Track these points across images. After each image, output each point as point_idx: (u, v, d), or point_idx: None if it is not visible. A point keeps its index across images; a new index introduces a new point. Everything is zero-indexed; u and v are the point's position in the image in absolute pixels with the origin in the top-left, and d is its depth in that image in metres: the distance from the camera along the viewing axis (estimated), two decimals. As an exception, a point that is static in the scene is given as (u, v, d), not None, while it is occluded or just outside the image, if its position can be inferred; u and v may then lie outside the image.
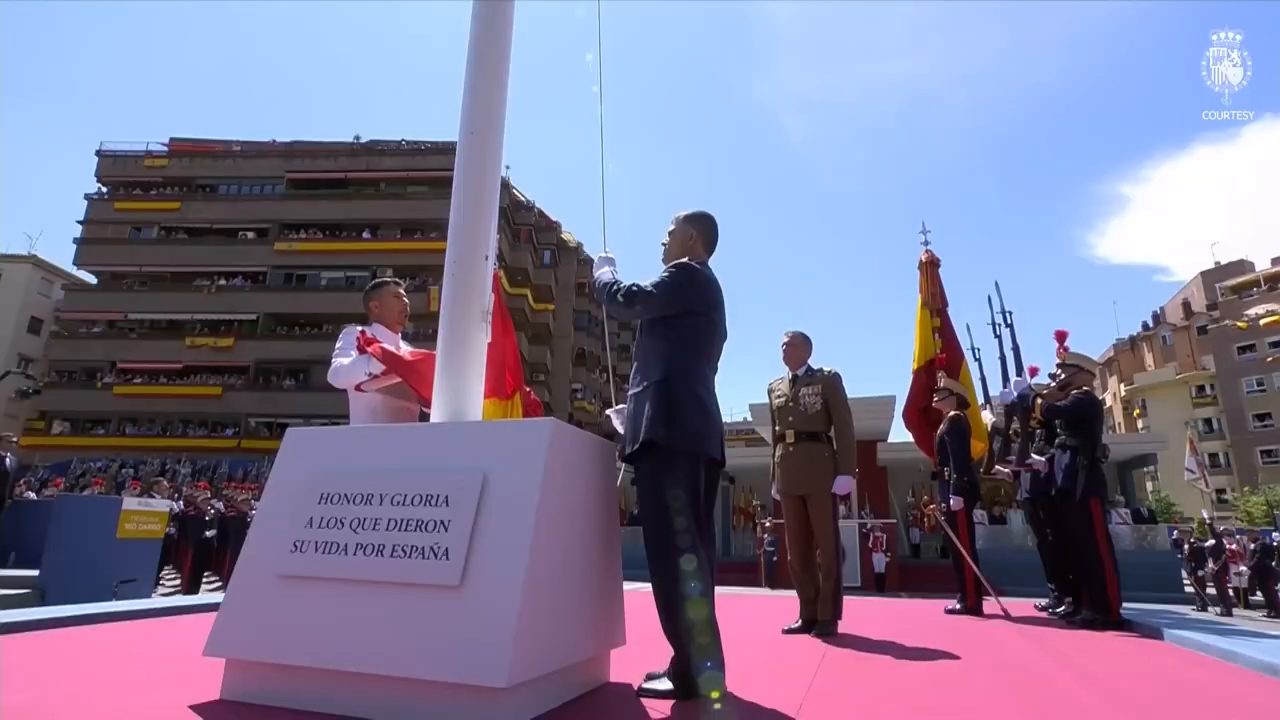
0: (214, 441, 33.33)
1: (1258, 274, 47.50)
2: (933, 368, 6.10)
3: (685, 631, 1.98)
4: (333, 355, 2.83)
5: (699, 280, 2.31)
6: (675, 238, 2.53)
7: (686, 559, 1.99)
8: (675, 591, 1.99)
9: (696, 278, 2.31)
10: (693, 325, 2.25)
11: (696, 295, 2.29)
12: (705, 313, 2.30)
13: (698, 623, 1.97)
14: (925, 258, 6.49)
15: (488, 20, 2.42)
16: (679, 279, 2.26)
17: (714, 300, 2.36)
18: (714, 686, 1.95)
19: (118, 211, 37.52)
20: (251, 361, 34.91)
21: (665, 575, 2.01)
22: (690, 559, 1.99)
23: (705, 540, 2.12)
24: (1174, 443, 21.56)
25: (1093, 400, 4.63)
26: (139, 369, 34.96)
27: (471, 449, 1.89)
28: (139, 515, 7.62)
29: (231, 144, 39.22)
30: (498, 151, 2.32)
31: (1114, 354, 56.23)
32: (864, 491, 17.32)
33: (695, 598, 1.97)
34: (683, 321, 2.24)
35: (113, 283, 37.05)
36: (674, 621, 2.00)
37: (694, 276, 2.30)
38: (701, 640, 1.97)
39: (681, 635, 1.99)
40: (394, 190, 37.34)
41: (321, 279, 36.54)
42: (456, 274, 2.17)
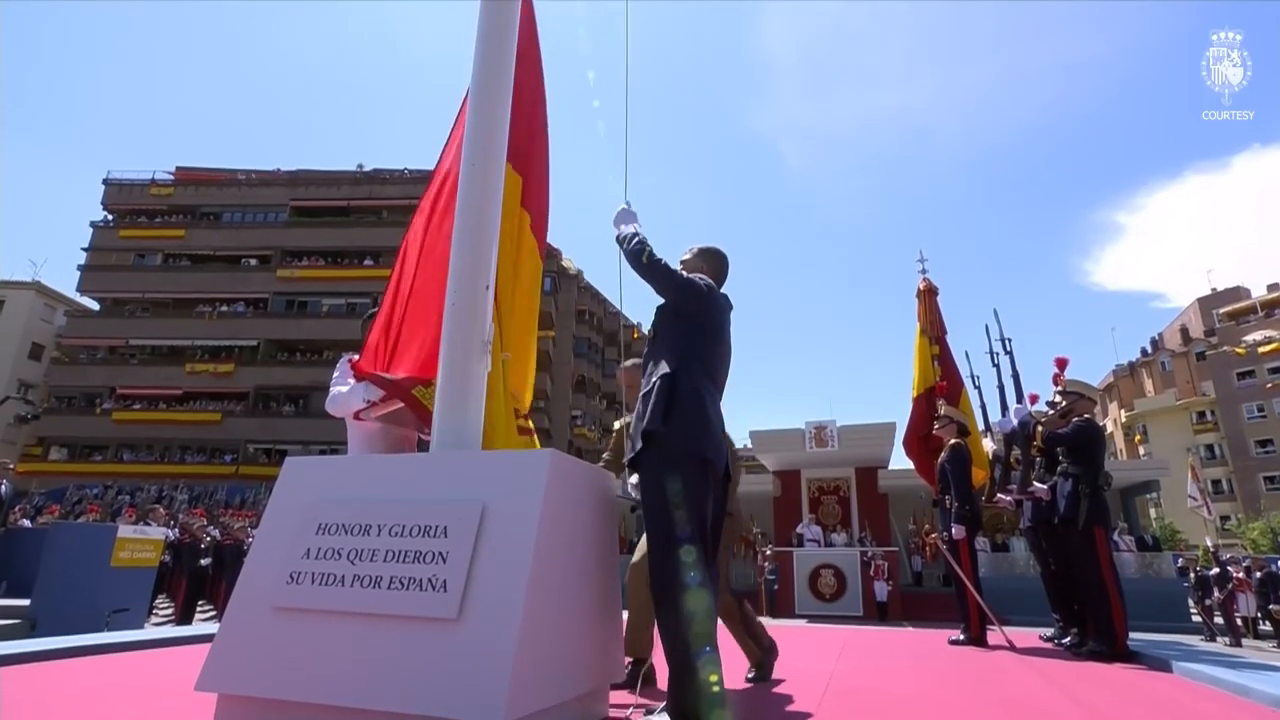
0: (212, 468, 33.16)
1: (1254, 300, 47.70)
2: (933, 395, 6.11)
3: (683, 624, 1.91)
4: (330, 383, 2.84)
5: (714, 294, 2.41)
6: (687, 268, 2.59)
7: (686, 550, 1.96)
8: (675, 582, 1.94)
9: (713, 291, 2.41)
10: (701, 335, 2.31)
11: (710, 305, 2.36)
12: (714, 327, 2.35)
13: (698, 613, 1.91)
14: (923, 286, 6.54)
15: (491, 55, 2.47)
16: (698, 284, 2.35)
17: (723, 320, 2.43)
18: (712, 670, 1.88)
19: (122, 239, 37.82)
20: (251, 387, 34.92)
21: (664, 569, 1.97)
22: (690, 550, 1.96)
23: (711, 551, 2.11)
24: (1176, 469, 21.41)
25: (1094, 428, 4.62)
26: (139, 395, 34.94)
27: (470, 479, 1.89)
28: (133, 543, 7.55)
29: (237, 173, 39.66)
30: (498, 183, 2.35)
31: (1114, 380, 56.20)
32: (865, 519, 17.19)
33: (695, 588, 1.92)
34: (692, 329, 2.30)
35: (115, 309, 37.21)
36: (671, 615, 1.94)
37: (711, 289, 2.40)
38: (700, 629, 1.91)
39: (679, 631, 1.91)
40: (396, 218, 37.66)
41: (322, 305, 36.69)
42: (457, 304, 2.19)
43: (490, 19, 2.50)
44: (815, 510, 17.63)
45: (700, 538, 2.02)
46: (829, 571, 14.75)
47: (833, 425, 16.22)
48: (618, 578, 2.33)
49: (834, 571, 14.72)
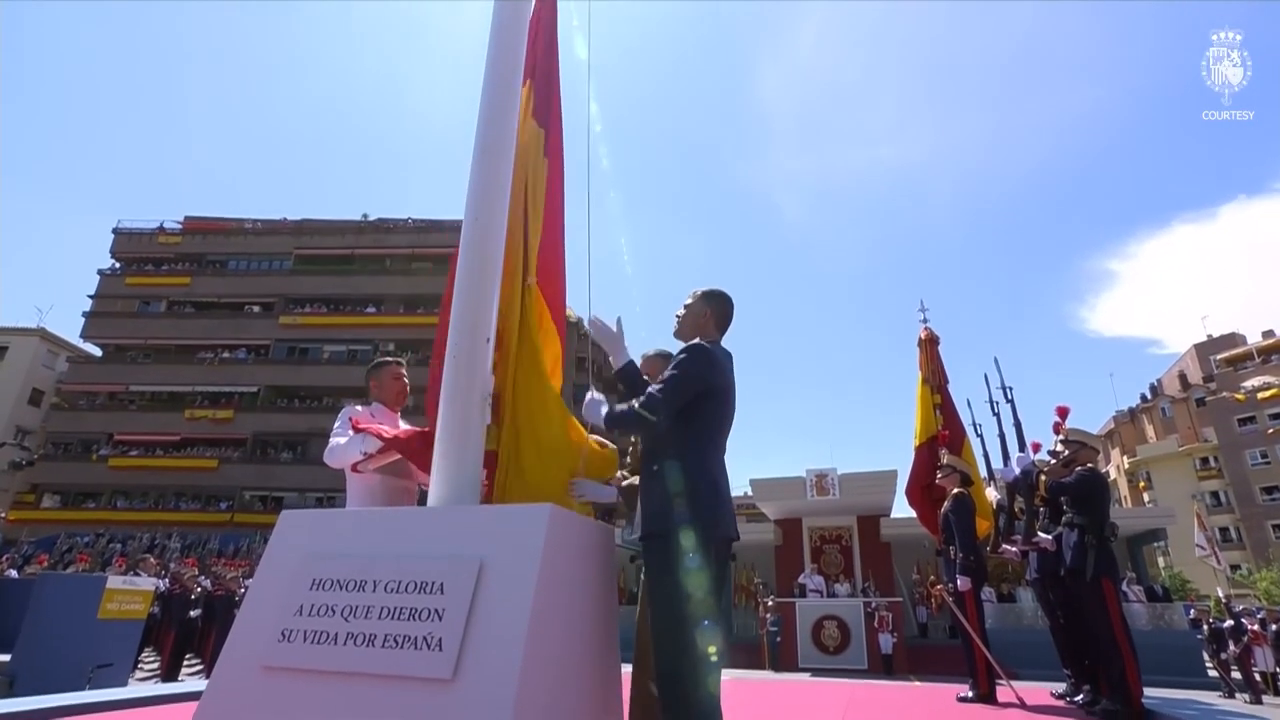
0: (206, 516, 32.72)
1: (1250, 347, 47.91)
2: (935, 444, 6.08)
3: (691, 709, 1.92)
4: (330, 435, 2.83)
5: (710, 362, 2.32)
6: (690, 312, 2.57)
7: (703, 640, 1.94)
8: (690, 675, 1.93)
9: (706, 360, 2.31)
10: (704, 407, 2.27)
11: (709, 378, 2.30)
12: (716, 394, 2.32)
13: (711, 699, 1.94)
14: (924, 335, 6.57)
15: (495, 112, 2.54)
16: (691, 368, 2.26)
17: (725, 382, 2.37)
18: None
19: (129, 286, 38.17)
20: (250, 434, 34.74)
21: (678, 659, 1.95)
22: (707, 639, 1.95)
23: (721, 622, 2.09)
24: (1182, 516, 21.13)
25: (1098, 477, 4.58)
26: (136, 441, 34.73)
27: (468, 535, 1.87)
28: (122, 594, 7.38)
29: (244, 222, 40.31)
30: (500, 238, 2.38)
31: (1114, 426, 55.98)
32: (868, 568, 16.90)
33: (709, 679, 1.93)
34: (694, 404, 2.25)
35: (117, 355, 37.31)
36: (678, 703, 1.93)
37: (703, 359, 2.31)
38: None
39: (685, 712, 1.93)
40: (399, 266, 38.13)
41: (324, 352, 36.80)
42: (458, 356, 2.20)
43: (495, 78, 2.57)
44: (817, 559, 17.34)
45: (715, 625, 2.01)
46: (832, 623, 14.42)
47: (834, 473, 16.10)
48: (617, 635, 2.28)
49: (837, 623, 14.39)
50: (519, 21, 2.69)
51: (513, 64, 2.63)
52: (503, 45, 2.59)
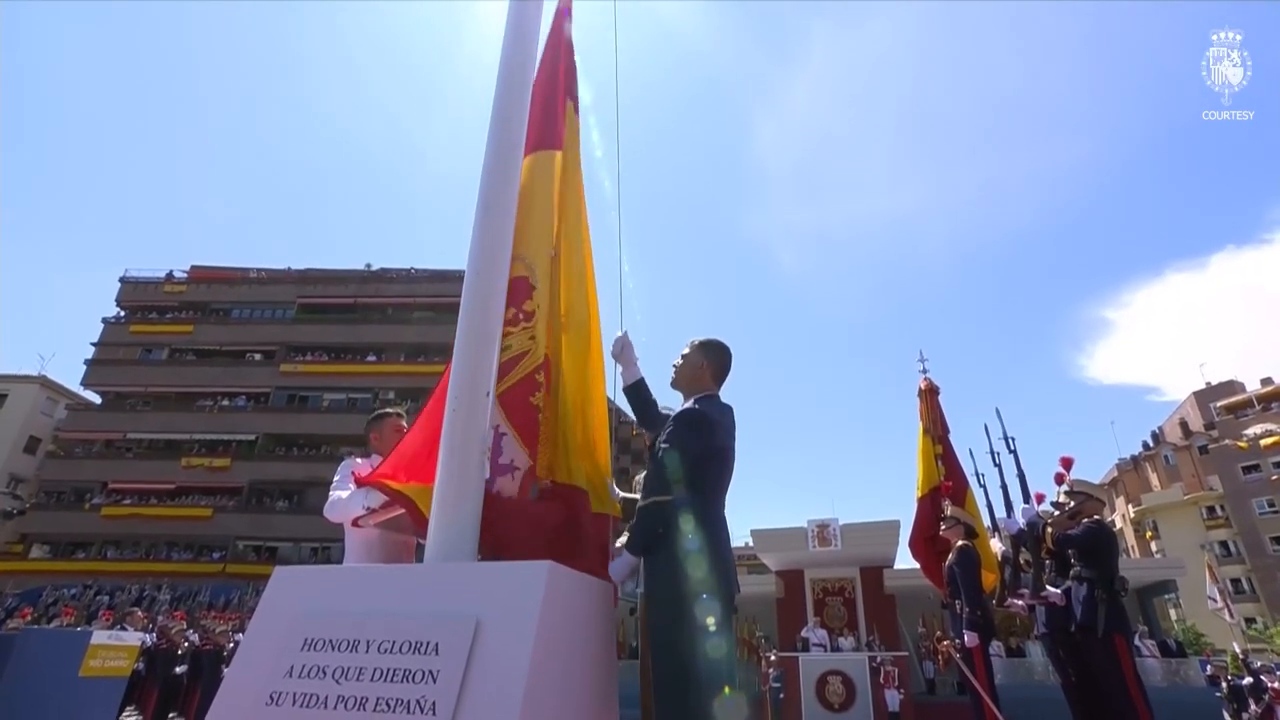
0: (198, 566, 32.11)
1: (1249, 394, 47.88)
2: (938, 495, 6.02)
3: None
4: (330, 487, 2.81)
5: (705, 427, 2.29)
6: (687, 363, 2.56)
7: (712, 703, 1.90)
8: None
9: (701, 427, 2.29)
10: (704, 468, 2.25)
11: (709, 443, 2.28)
12: (717, 455, 2.31)
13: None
14: (924, 385, 6.58)
15: (498, 167, 2.59)
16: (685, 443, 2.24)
17: (723, 441, 2.34)
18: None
19: (132, 334, 38.42)
20: (246, 482, 34.40)
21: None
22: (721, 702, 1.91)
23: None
24: (1192, 567, 20.74)
25: (1106, 530, 4.53)
26: (130, 489, 34.36)
27: (464, 592, 1.83)
28: (106, 650, 7.19)
29: (249, 271, 40.79)
30: (501, 291, 2.41)
31: (1118, 474, 55.50)
32: (872, 621, 16.48)
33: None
34: (694, 466, 2.23)
35: (116, 402, 37.26)
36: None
37: (697, 427, 2.29)
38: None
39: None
40: (400, 315, 38.43)
41: (323, 400, 36.78)
42: (457, 410, 2.20)
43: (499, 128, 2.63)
44: (820, 612, 16.94)
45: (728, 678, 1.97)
46: (837, 679, 13.99)
47: (835, 523, 15.88)
48: (616, 696, 2.22)
49: (842, 679, 13.96)
50: (525, 76, 2.76)
51: (518, 118, 2.69)
52: (507, 102, 2.66)
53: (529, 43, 2.78)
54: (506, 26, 2.78)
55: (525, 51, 2.77)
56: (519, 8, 2.79)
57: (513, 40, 2.74)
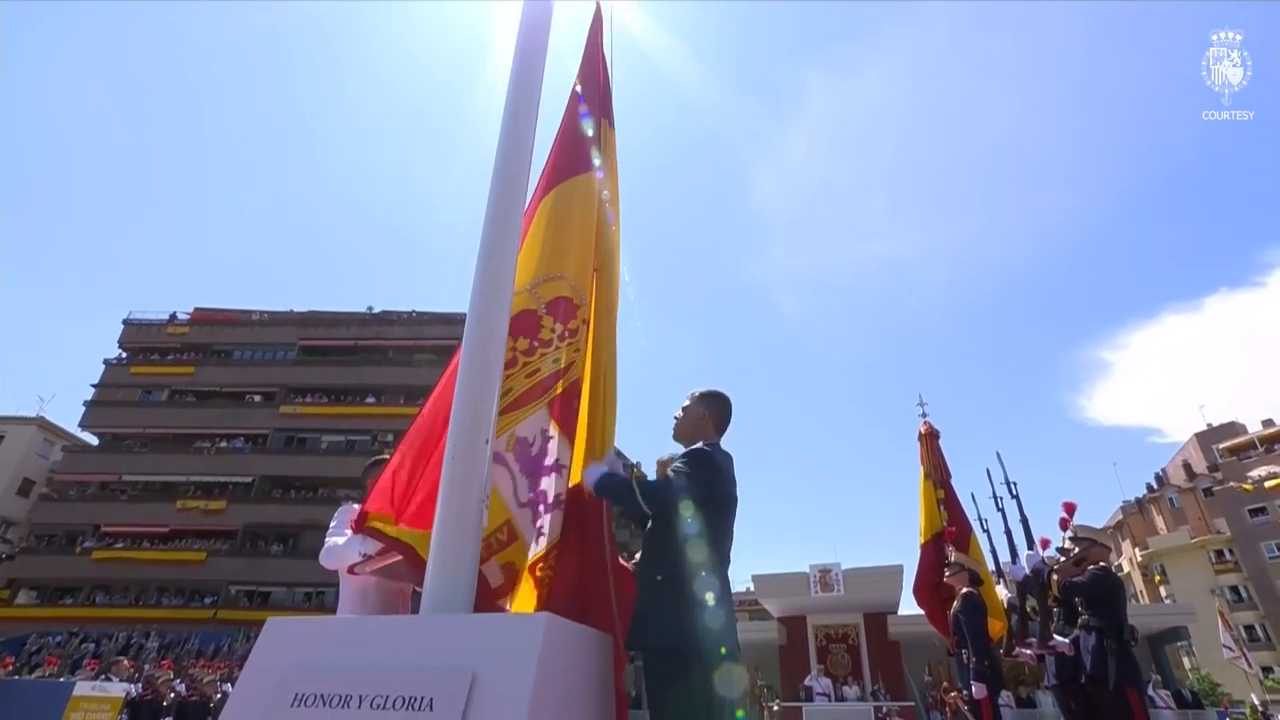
0: (188, 612, 31.44)
1: (1252, 436, 47.66)
2: (941, 541, 5.95)
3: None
4: (327, 533, 2.78)
5: (716, 468, 2.31)
6: (688, 414, 2.57)
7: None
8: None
9: (712, 467, 2.31)
10: (707, 513, 2.23)
11: (716, 485, 2.28)
12: (722, 502, 2.29)
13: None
14: (924, 430, 6.56)
15: (500, 216, 2.63)
16: (698, 472, 2.27)
17: (727, 488, 2.35)
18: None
19: (133, 375, 38.41)
20: (241, 525, 33.93)
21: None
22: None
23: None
24: (1204, 613, 20.35)
25: (1112, 577, 4.46)
26: (123, 532, 33.85)
27: (460, 646, 1.80)
28: (89, 702, 7.00)
29: (252, 313, 41.05)
30: (502, 338, 2.42)
31: (1123, 517, 54.86)
32: (877, 669, 16.08)
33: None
34: (698, 510, 2.22)
35: (113, 444, 37.02)
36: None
37: (709, 465, 2.30)
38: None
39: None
40: (400, 357, 38.53)
41: (322, 442, 36.59)
42: (456, 457, 2.19)
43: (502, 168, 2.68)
44: (824, 660, 16.55)
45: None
46: (844, 732, 13.59)
47: (838, 568, 15.65)
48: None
49: (849, 732, 13.56)
50: (527, 122, 2.83)
51: (520, 168, 2.74)
52: (510, 152, 2.72)
53: (531, 95, 2.86)
54: (510, 82, 2.86)
55: (528, 102, 2.84)
56: (522, 64, 2.88)
57: (516, 93, 2.82)
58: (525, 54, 2.90)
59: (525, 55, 2.90)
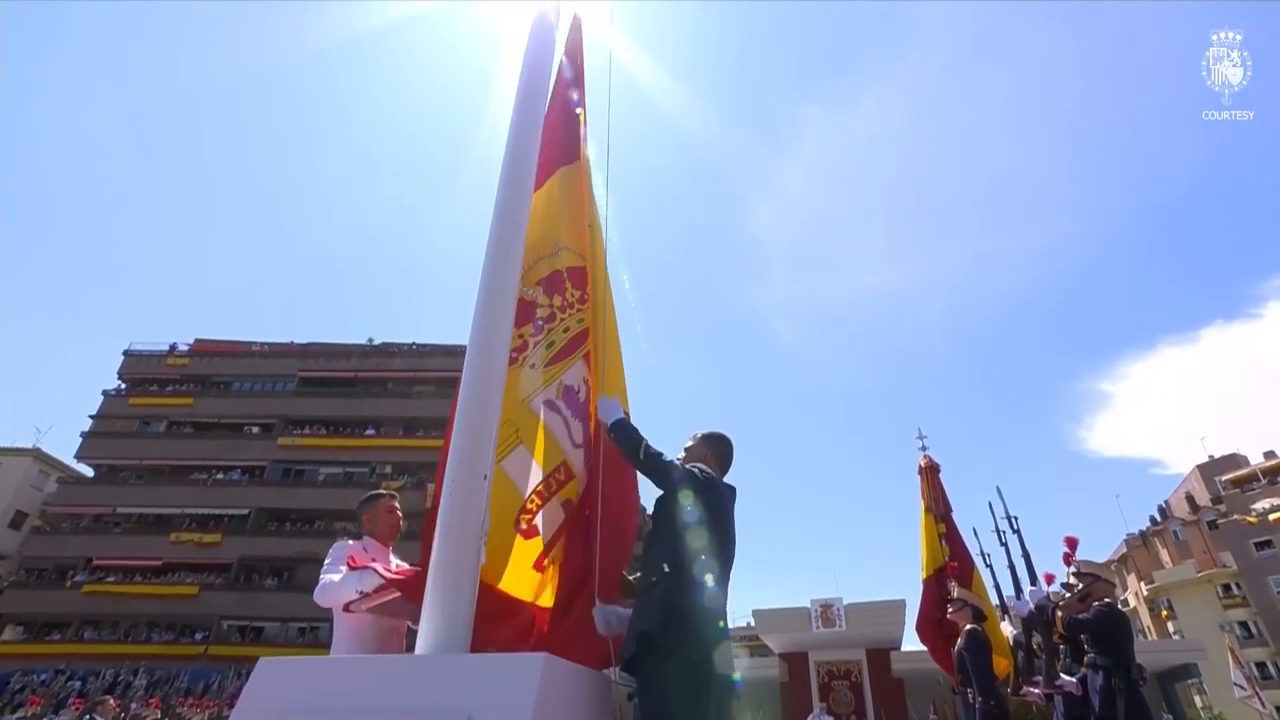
0: (178, 648, 30.83)
1: (1254, 468, 47.39)
2: (943, 576, 5.87)
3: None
4: (321, 570, 2.75)
5: (715, 485, 2.40)
6: (690, 455, 2.63)
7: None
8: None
9: (714, 482, 2.40)
10: (704, 527, 2.25)
11: (711, 497, 2.32)
12: (716, 518, 2.31)
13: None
14: (924, 463, 6.52)
15: (499, 254, 2.66)
16: (697, 476, 2.35)
17: (726, 510, 2.41)
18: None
19: (131, 407, 38.21)
20: (235, 558, 33.48)
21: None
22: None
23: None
24: (1213, 649, 19.96)
25: (1118, 614, 4.40)
26: (115, 566, 33.36)
27: (456, 687, 1.77)
28: (77, 743, 6.82)
29: (252, 344, 41.09)
30: (501, 375, 2.43)
31: (1127, 550, 54.25)
32: (880, 707, 15.75)
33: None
34: (693, 521, 2.24)
35: (109, 476, 36.69)
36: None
37: (711, 480, 2.39)
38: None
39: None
40: (400, 389, 38.51)
41: (319, 474, 36.33)
42: (454, 492, 2.18)
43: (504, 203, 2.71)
44: (826, 697, 16.21)
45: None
46: (848, 774, 13.23)
47: (839, 603, 15.43)
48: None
49: (854, 774, 13.21)
50: (529, 158, 2.87)
51: (520, 200, 2.78)
52: (512, 183, 2.76)
53: (533, 131, 2.92)
54: (512, 116, 2.92)
55: (529, 139, 2.89)
56: (524, 101, 2.94)
57: (518, 130, 2.87)
58: (527, 91, 2.97)
59: (527, 92, 2.96)
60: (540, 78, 3.05)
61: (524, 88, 2.97)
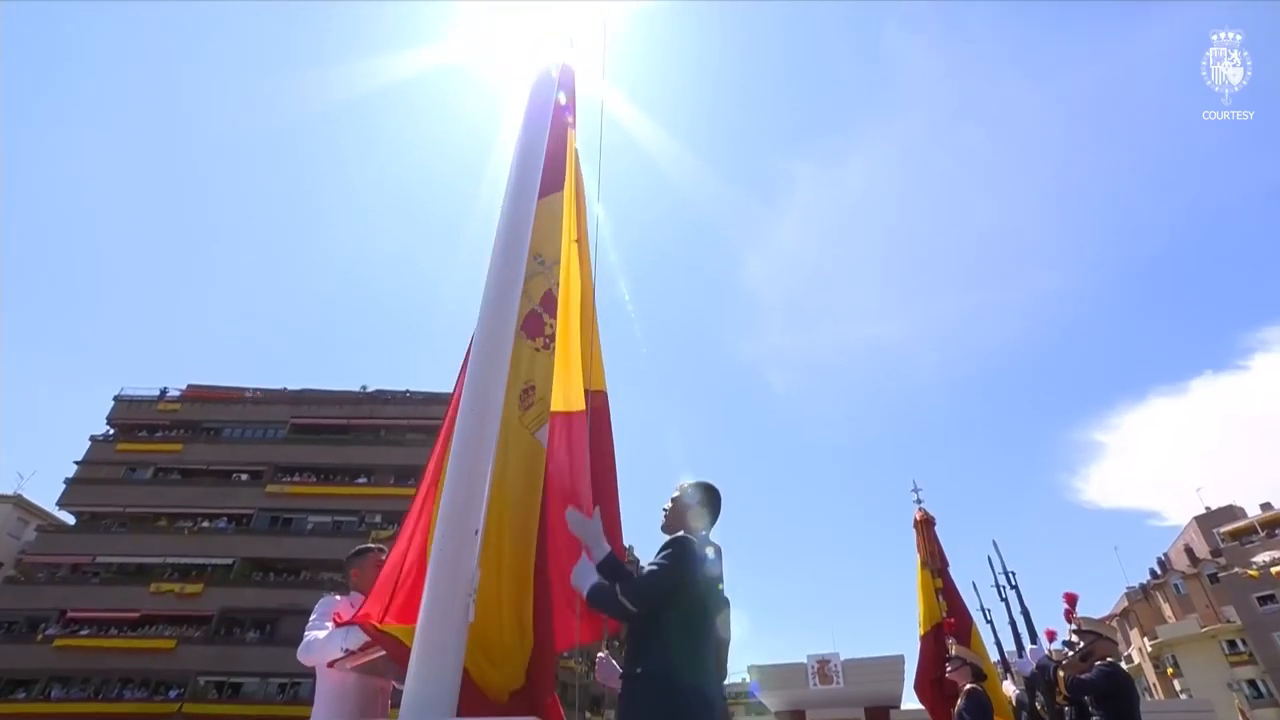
0: (152, 706, 29.62)
1: (1252, 520, 47.07)
2: (941, 633, 5.75)
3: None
4: (305, 628, 2.67)
5: (697, 555, 2.28)
6: (677, 506, 2.57)
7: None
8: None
9: (694, 552, 2.27)
10: (691, 604, 2.19)
11: (695, 572, 2.24)
12: (704, 590, 2.25)
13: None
14: (919, 516, 6.44)
15: (495, 310, 2.67)
16: (677, 559, 2.23)
17: (713, 575, 2.33)
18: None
19: (119, 453, 37.60)
20: (216, 610, 32.48)
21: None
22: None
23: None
24: (1221, 709, 19.52)
25: (1122, 674, 4.30)
26: (90, 618, 32.28)
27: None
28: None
29: (245, 390, 40.79)
30: (493, 433, 2.41)
31: (1129, 604, 53.36)
32: (885, 773, 15.19)
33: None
34: (680, 600, 2.18)
35: (91, 523, 35.84)
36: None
37: (691, 551, 2.27)
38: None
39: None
40: (393, 437, 38.18)
41: (308, 523, 35.64)
42: (444, 549, 2.13)
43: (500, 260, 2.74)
44: (828, 761, 15.63)
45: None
46: (849, 843, 12.67)
47: (837, 659, 15.04)
48: None
49: (855, 843, 12.65)
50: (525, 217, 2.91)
51: (516, 257, 2.80)
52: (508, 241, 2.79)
53: (529, 190, 2.97)
54: (510, 177, 2.98)
55: (526, 198, 2.95)
56: (522, 159, 3.01)
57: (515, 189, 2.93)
58: (525, 149, 3.03)
59: (525, 152, 3.03)
60: (538, 134, 3.12)
61: (522, 143, 3.03)
